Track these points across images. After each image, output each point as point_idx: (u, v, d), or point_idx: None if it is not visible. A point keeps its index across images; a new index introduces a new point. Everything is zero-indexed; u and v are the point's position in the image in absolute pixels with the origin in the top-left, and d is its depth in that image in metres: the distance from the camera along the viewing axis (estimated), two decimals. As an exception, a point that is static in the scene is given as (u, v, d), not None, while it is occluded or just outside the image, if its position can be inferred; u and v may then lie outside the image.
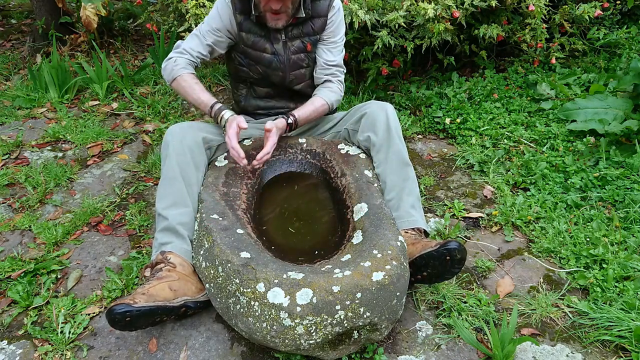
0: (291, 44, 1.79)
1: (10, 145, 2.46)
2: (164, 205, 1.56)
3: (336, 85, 1.89)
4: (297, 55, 1.82)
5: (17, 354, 1.42)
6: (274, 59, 1.80)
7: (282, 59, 1.80)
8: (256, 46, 1.78)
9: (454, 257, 1.39)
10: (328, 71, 1.87)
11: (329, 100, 1.85)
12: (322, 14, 1.78)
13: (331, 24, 1.82)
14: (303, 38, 1.80)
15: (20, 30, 4.17)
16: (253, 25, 1.75)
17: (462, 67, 3.08)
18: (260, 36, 1.76)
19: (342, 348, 1.30)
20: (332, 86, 1.88)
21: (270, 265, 1.30)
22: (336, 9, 1.81)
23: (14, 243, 1.85)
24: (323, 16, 1.79)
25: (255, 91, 1.91)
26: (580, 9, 2.63)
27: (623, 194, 1.93)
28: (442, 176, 2.26)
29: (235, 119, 1.63)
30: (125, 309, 1.26)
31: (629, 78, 2.41)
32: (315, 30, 1.80)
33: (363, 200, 1.58)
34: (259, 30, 1.76)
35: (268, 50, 1.78)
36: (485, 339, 1.45)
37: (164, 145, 1.65)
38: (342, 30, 1.87)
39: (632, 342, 1.38)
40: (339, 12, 1.83)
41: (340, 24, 1.85)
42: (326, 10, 1.78)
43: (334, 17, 1.81)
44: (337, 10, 1.82)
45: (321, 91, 1.87)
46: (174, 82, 1.77)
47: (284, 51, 1.79)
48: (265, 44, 1.77)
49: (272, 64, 1.81)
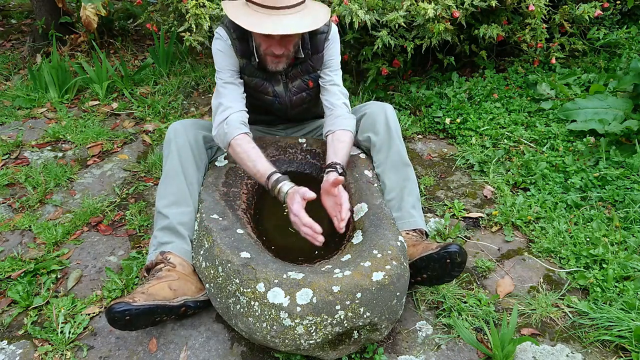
0: (292, 84, 1.75)
1: (10, 145, 2.46)
2: (165, 204, 1.56)
3: (346, 110, 1.75)
4: (299, 95, 1.79)
5: (17, 354, 1.42)
6: (275, 101, 1.78)
7: (284, 101, 1.78)
8: (259, 89, 1.74)
9: (455, 260, 1.39)
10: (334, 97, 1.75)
11: (352, 130, 1.71)
12: (318, 50, 1.71)
13: (328, 54, 1.74)
14: (303, 77, 1.75)
15: (20, 30, 4.17)
16: (254, 69, 1.69)
17: (462, 67, 3.08)
18: (262, 79, 1.72)
19: (342, 348, 1.30)
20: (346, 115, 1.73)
21: (270, 265, 1.30)
22: (331, 41, 1.72)
23: (14, 243, 1.85)
24: (321, 52, 1.72)
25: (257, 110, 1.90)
26: (580, 9, 2.63)
27: (623, 194, 1.93)
28: (442, 176, 2.26)
29: (297, 191, 1.43)
30: (125, 308, 1.26)
31: (629, 78, 2.41)
32: (315, 68, 1.74)
33: (363, 200, 1.58)
34: (259, 73, 1.71)
35: (270, 93, 1.76)
36: (485, 339, 1.45)
37: (166, 142, 1.64)
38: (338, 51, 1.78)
39: (632, 342, 1.38)
40: (334, 40, 1.74)
41: (337, 49, 1.76)
42: (323, 45, 1.71)
43: (331, 49, 1.73)
44: (333, 41, 1.73)
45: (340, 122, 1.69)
46: (230, 148, 1.59)
47: (285, 92, 1.77)
48: (267, 87, 1.74)
49: (273, 105, 1.80)
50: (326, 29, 1.70)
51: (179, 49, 3.47)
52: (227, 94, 1.64)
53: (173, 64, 3.39)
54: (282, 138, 1.90)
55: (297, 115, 1.90)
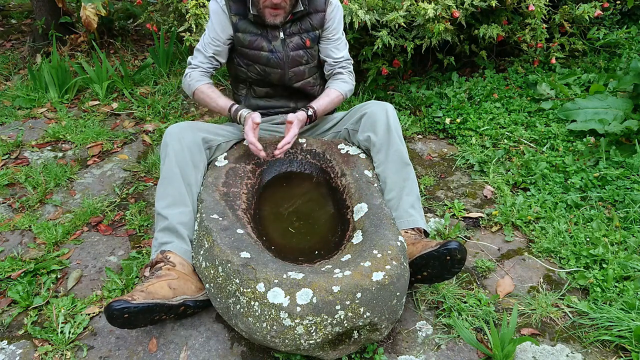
0: (289, 40, 1.80)
1: (10, 145, 2.46)
2: (164, 205, 1.56)
3: (347, 75, 1.93)
4: (296, 52, 1.82)
5: (17, 354, 1.42)
6: (271, 57, 1.80)
7: (281, 56, 1.80)
8: (253, 45, 1.78)
9: (454, 257, 1.39)
10: (338, 65, 1.91)
11: (343, 91, 1.90)
12: (319, 9, 1.80)
13: (331, 20, 1.83)
14: (302, 34, 1.81)
15: (20, 30, 4.17)
16: (249, 25, 1.76)
17: (462, 67, 3.08)
18: (257, 35, 1.77)
19: (342, 348, 1.30)
20: (344, 77, 1.92)
21: (270, 265, 1.30)
22: (334, 4, 1.83)
23: (14, 243, 1.85)
24: (321, 11, 1.80)
25: (255, 91, 1.91)
26: (580, 9, 2.63)
27: (623, 194, 1.93)
28: (442, 176, 2.26)
29: (250, 115, 1.70)
30: (124, 306, 1.26)
31: (629, 78, 2.41)
32: (314, 26, 1.81)
33: (363, 200, 1.58)
34: (255, 29, 1.77)
35: (265, 48, 1.79)
36: (485, 339, 1.45)
37: (163, 146, 1.65)
38: (342, 26, 1.90)
39: (632, 342, 1.38)
40: (338, 8, 1.85)
41: (341, 19, 1.88)
42: (323, 5, 1.80)
43: (333, 14, 1.83)
44: (336, 7, 1.84)
45: (334, 83, 1.91)
46: (194, 96, 1.86)
47: (283, 48, 1.79)
48: (262, 42, 1.78)
49: (270, 62, 1.81)
50: None
51: (179, 49, 3.47)
52: (197, 57, 1.87)
53: (173, 64, 3.39)
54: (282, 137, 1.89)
55: (293, 78, 1.87)
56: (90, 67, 3.07)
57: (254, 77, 1.86)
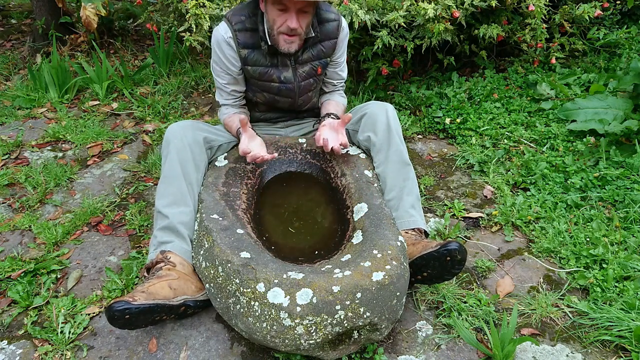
0: (301, 69, 1.76)
1: (10, 145, 2.46)
2: (164, 204, 1.56)
3: (343, 92, 2.02)
4: (307, 81, 1.80)
5: (17, 354, 1.42)
6: (282, 87, 1.78)
7: (292, 87, 1.78)
8: (263, 77, 1.75)
9: (455, 258, 1.39)
10: (340, 85, 1.97)
11: (345, 105, 1.99)
12: (332, 36, 1.76)
13: (341, 44, 1.82)
14: (313, 62, 1.77)
15: (20, 30, 4.17)
16: (260, 57, 1.70)
17: (462, 67, 3.08)
18: (268, 66, 1.73)
19: (342, 348, 1.30)
20: (342, 93, 2.00)
21: (270, 265, 1.30)
22: (345, 30, 1.80)
23: (14, 243, 1.85)
24: (333, 38, 1.76)
25: (259, 108, 1.92)
26: (580, 9, 2.63)
27: (623, 194, 1.93)
28: (442, 176, 2.26)
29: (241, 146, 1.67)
30: (125, 307, 1.25)
31: (629, 78, 2.41)
32: (326, 53, 1.78)
33: (363, 200, 1.58)
34: (266, 61, 1.72)
35: (276, 79, 1.76)
36: (485, 339, 1.45)
37: (165, 144, 1.65)
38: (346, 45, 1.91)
39: (632, 342, 1.38)
40: (346, 32, 1.82)
41: (346, 43, 1.87)
42: (336, 32, 1.76)
43: (343, 39, 1.82)
44: (345, 31, 1.81)
45: (335, 96, 1.96)
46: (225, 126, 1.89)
47: (294, 78, 1.77)
48: (273, 74, 1.74)
49: (280, 92, 1.80)
50: (336, 17, 1.76)
51: (179, 49, 3.47)
52: (219, 97, 1.88)
53: (173, 64, 3.39)
54: (282, 138, 1.90)
55: (302, 104, 1.89)
56: (90, 67, 3.07)
57: (261, 103, 1.87)
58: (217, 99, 1.89)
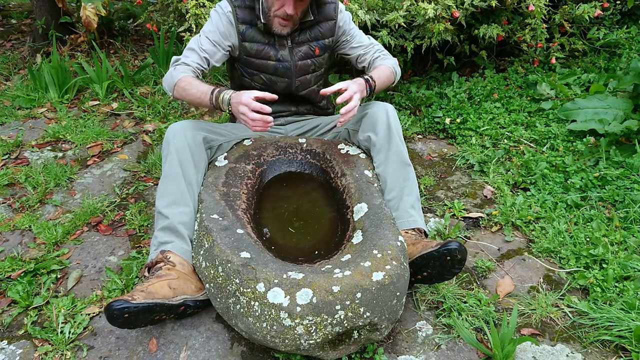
0: (298, 49, 1.80)
1: (10, 145, 2.46)
2: (165, 204, 1.56)
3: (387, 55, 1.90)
4: (304, 61, 1.82)
5: (17, 354, 1.42)
6: (279, 66, 1.80)
7: (288, 65, 1.80)
8: (260, 54, 1.77)
9: (455, 258, 1.39)
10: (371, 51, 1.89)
11: (390, 64, 1.86)
12: (329, 17, 1.80)
13: (344, 25, 1.85)
14: (311, 43, 1.81)
15: (20, 30, 4.17)
16: (257, 34, 1.75)
17: (462, 67, 3.08)
18: (265, 44, 1.76)
19: (342, 348, 1.30)
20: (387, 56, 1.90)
21: (270, 265, 1.30)
22: (343, 11, 1.83)
23: (14, 243, 1.85)
24: (330, 19, 1.80)
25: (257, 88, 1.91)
26: (580, 9, 2.63)
27: (623, 194, 1.93)
28: (442, 176, 2.26)
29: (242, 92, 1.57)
30: (124, 306, 1.25)
31: (629, 78, 2.41)
32: (324, 34, 1.81)
33: (363, 200, 1.58)
34: (262, 38, 1.75)
35: (272, 57, 1.78)
36: (485, 339, 1.45)
37: (165, 143, 1.64)
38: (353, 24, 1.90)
39: (632, 342, 1.38)
40: (345, 12, 1.85)
41: (350, 20, 1.89)
42: (333, 13, 1.80)
43: (344, 20, 1.84)
44: (344, 12, 1.84)
45: (380, 61, 1.87)
46: (175, 89, 1.68)
47: (291, 57, 1.79)
48: (269, 52, 1.77)
49: (277, 71, 1.81)
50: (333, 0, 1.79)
51: (179, 49, 3.46)
52: (188, 56, 1.74)
53: (173, 64, 3.38)
54: (282, 138, 1.90)
55: (300, 87, 1.88)
56: (90, 67, 3.07)
57: (258, 87, 1.86)
58: (176, 59, 1.76)
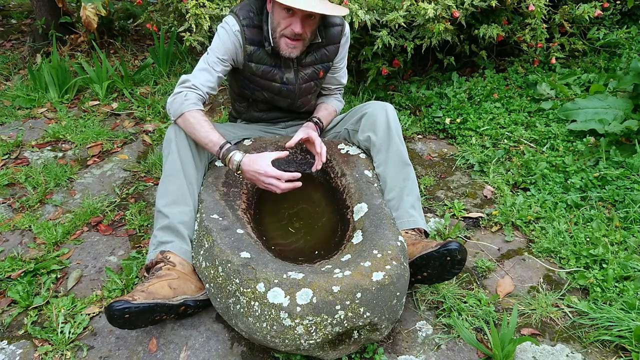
0: (304, 72, 1.77)
1: (10, 145, 2.46)
2: (165, 203, 1.56)
3: (340, 97, 2.02)
4: (308, 84, 1.81)
5: (17, 354, 1.42)
6: (283, 88, 1.78)
7: (292, 88, 1.79)
8: (266, 76, 1.75)
9: (455, 258, 1.39)
10: (338, 89, 1.98)
11: (339, 109, 1.98)
12: (335, 41, 1.78)
13: (343, 50, 1.84)
14: (316, 65, 1.78)
15: (20, 30, 4.17)
16: (264, 55, 1.70)
17: (462, 67, 3.08)
18: (271, 66, 1.73)
19: (342, 348, 1.30)
20: (339, 97, 2.00)
21: (270, 265, 1.30)
22: (346, 36, 1.81)
23: (14, 243, 1.85)
24: (336, 43, 1.79)
25: (258, 107, 1.91)
26: (580, 9, 2.63)
27: (623, 194, 1.93)
28: (442, 176, 2.26)
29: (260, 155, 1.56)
30: (124, 306, 1.26)
31: (629, 78, 2.41)
32: (329, 57, 1.80)
33: (363, 200, 1.58)
34: (270, 60, 1.72)
35: (278, 80, 1.76)
36: (485, 339, 1.44)
37: (166, 142, 1.64)
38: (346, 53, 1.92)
39: (632, 342, 1.38)
40: (347, 38, 1.83)
41: (346, 49, 1.88)
42: (339, 37, 1.78)
43: (345, 45, 1.83)
44: (347, 36, 1.82)
45: (331, 100, 1.96)
46: (181, 118, 1.59)
47: (296, 80, 1.78)
48: (275, 74, 1.74)
49: (281, 92, 1.80)
50: (341, 21, 1.77)
51: (179, 49, 3.47)
52: (199, 77, 1.66)
53: (173, 64, 3.39)
54: (282, 138, 1.90)
55: (301, 106, 1.89)
56: (90, 67, 3.07)
57: (258, 100, 1.86)
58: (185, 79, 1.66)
